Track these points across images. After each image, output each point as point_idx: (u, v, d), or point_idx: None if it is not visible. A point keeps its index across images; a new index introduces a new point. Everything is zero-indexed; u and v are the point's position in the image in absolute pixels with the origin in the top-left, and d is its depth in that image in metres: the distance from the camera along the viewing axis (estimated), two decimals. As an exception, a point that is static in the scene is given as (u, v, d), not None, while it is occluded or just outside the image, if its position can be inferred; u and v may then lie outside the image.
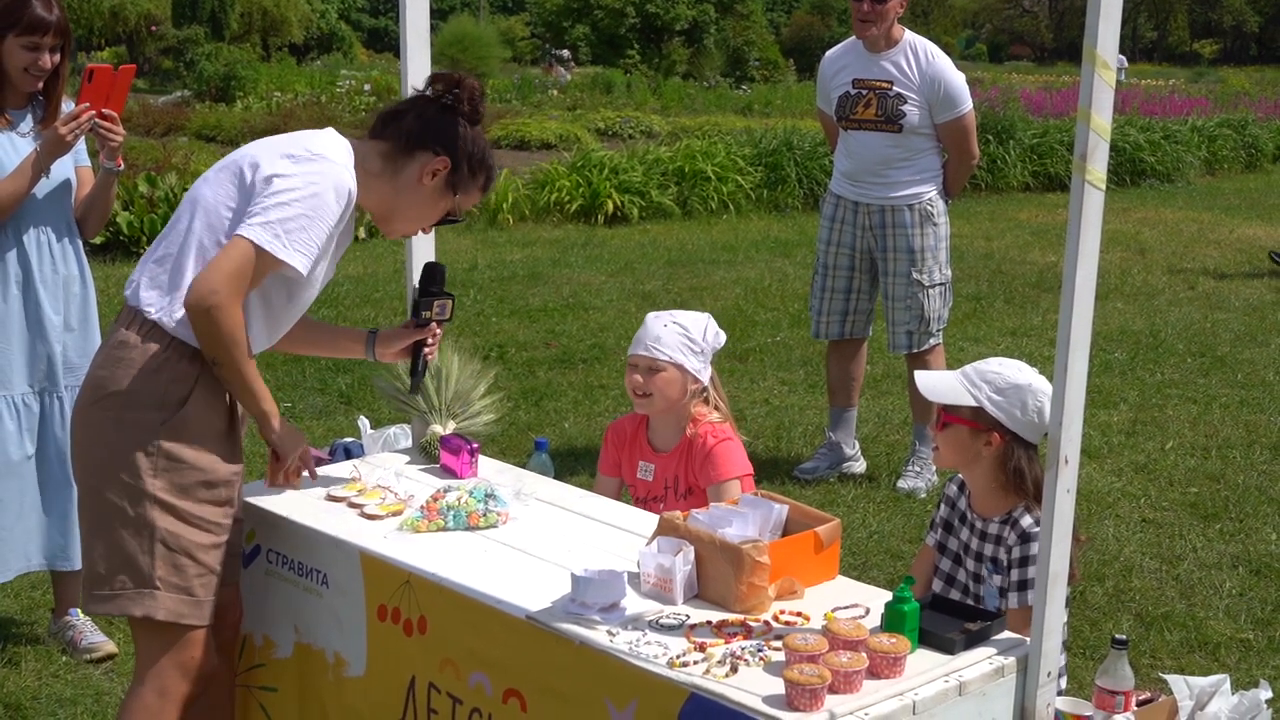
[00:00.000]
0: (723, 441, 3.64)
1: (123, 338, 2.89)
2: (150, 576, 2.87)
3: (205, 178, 2.95)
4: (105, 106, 4.05)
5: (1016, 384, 3.13)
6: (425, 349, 3.36)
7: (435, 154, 2.98)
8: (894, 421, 6.88)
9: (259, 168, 2.87)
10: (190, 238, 2.88)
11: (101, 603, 2.93)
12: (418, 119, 3.00)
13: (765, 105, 26.30)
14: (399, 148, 2.99)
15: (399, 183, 3.00)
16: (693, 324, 3.63)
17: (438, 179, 3.00)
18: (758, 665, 2.42)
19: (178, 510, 2.88)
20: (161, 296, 2.87)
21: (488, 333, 8.63)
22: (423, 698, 2.83)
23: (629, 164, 13.99)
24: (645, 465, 3.72)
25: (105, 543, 2.89)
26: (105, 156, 4.13)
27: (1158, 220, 14.39)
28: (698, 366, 3.61)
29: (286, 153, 2.89)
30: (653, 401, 3.64)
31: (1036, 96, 22.65)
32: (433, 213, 3.07)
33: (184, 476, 2.88)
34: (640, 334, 3.66)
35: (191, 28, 37.57)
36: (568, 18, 44.94)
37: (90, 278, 4.30)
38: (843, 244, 6.04)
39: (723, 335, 3.70)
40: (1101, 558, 5.15)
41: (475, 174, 3.05)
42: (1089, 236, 2.38)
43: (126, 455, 2.85)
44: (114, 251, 10.73)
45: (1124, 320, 9.44)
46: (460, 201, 3.07)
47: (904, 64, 5.85)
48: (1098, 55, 2.29)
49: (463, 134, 3.01)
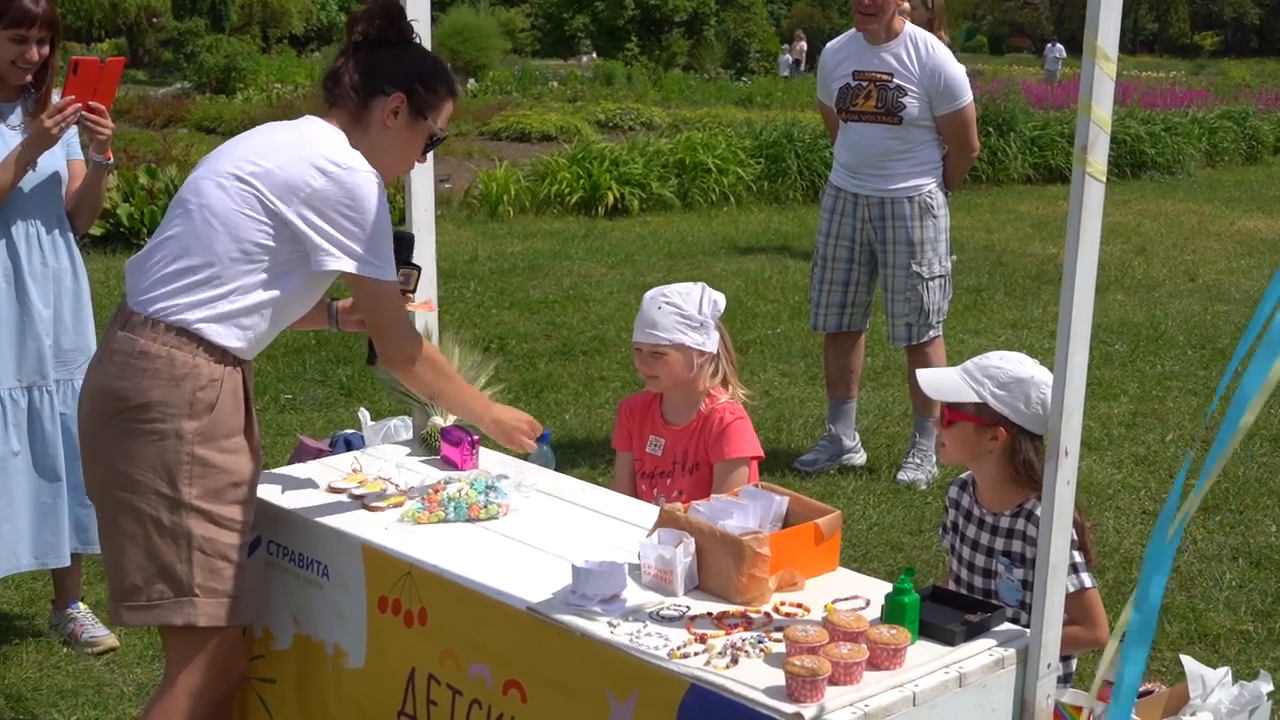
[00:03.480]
0: (738, 420, 3.62)
1: (142, 348, 2.82)
2: (189, 585, 2.86)
3: (220, 185, 2.87)
4: (93, 99, 4.02)
5: (1019, 377, 3.13)
6: None
7: (386, 94, 2.98)
8: (894, 413, 6.88)
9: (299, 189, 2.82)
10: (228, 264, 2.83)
11: (139, 613, 2.89)
12: (355, 69, 2.99)
13: (766, 97, 26.28)
14: (356, 104, 2.98)
15: (370, 135, 2.99)
16: (686, 299, 3.59)
17: (401, 114, 3.00)
18: (758, 657, 2.42)
19: (212, 515, 2.87)
20: (193, 305, 2.82)
21: (488, 325, 8.63)
22: (422, 689, 2.83)
23: (629, 156, 13.98)
24: (655, 440, 3.70)
25: (139, 553, 2.85)
26: (94, 150, 4.11)
27: (1158, 212, 14.38)
28: (699, 340, 3.57)
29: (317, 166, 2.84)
30: (661, 382, 3.65)
31: (1037, 88, 22.63)
32: (414, 146, 3.07)
33: (216, 480, 2.87)
34: (639, 318, 3.65)
35: (192, 20, 37.55)
36: (568, 9, 44.89)
37: (83, 271, 4.28)
38: (842, 236, 6.04)
39: (721, 299, 3.65)
40: (1102, 550, 5.15)
41: (434, 90, 3.03)
42: (1089, 228, 2.37)
43: (162, 466, 2.81)
44: (114, 243, 10.73)
45: (1124, 312, 9.44)
46: (434, 120, 3.05)
47: (904, 56, 5.84)
48: (1099, 47, 2.28)
49: (401, 60, 3.01)
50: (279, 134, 2.99)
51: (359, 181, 2.86)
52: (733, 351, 3.76)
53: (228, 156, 2.95)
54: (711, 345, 3.61)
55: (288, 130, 3.00)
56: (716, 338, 3.64)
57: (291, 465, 3.53)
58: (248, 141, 2.99)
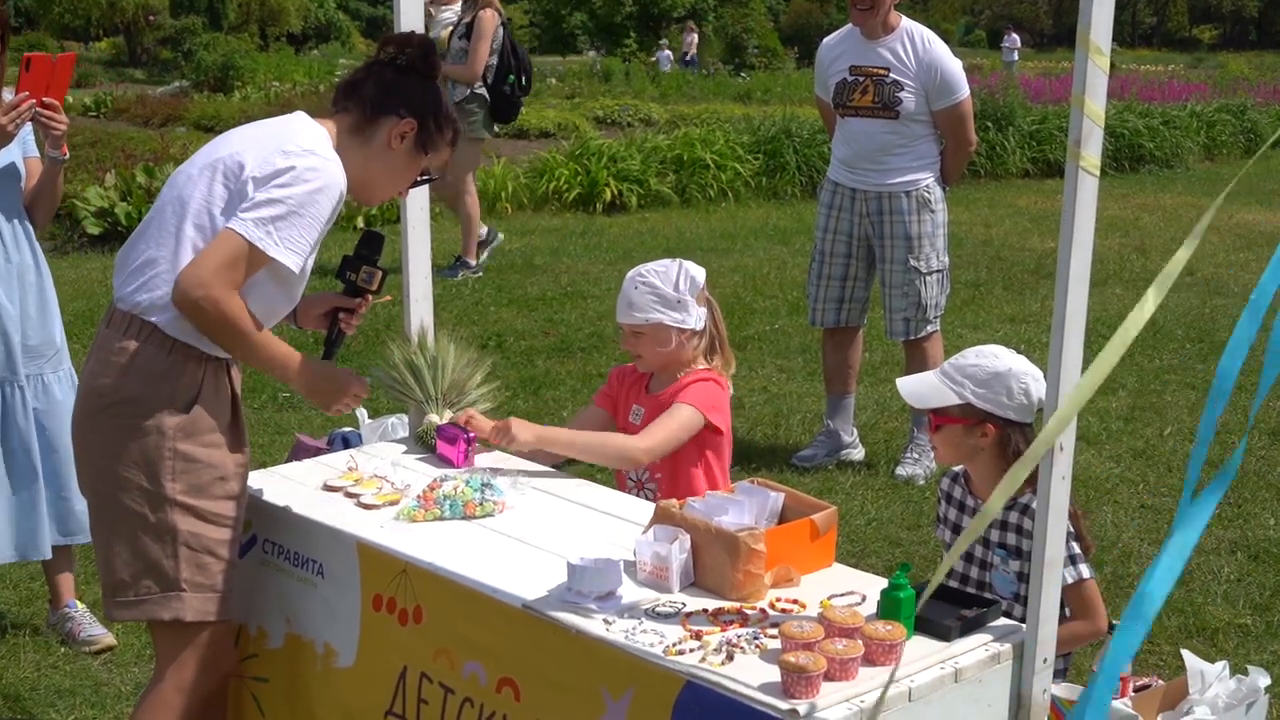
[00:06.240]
0: (704, 381, 3.54)
1: (122, 344, 2.84)
2: (176, 580, 2.87)
3: (189, 176, 2.90)
4: (46, 95, 4.04)
5: (996, 371, 3.13)
6: (342, 318, 3.24)
7: (400, 117, 2.98)
8: (892, 409, 6.88)
9: (248, 165, 2.83)
10: (183, 241, 2.83)
11: (127, 609, 2.92)
12: (377, 85, 2.99)
13: (764, 93, 26.26)
14: (365, 117, 2.98)
15: (370, 151, 2.99)
16: (661, 278, 3.53)
17: (407, 141, 3.00)
18: (754, 653, 2.42)
19: (197, 510, 2.87)
20: (159, 301, 2.83)
21: (486, 322, 8.63)
22: (413, 688, 2.83)
23: (627, 152, 13.97)
24: (637, 409, 3.67)
25: (126, 549, 2.87)
26: (50, 145, 4.13)
27: (1157, 206, 14.37)
28: (679, 317, 3.52)
29: (279, 148, 2.85)
30: (646, 361, 3.62)
31: (1035, 83, 22.61)
32: (407, 175, 3.07)
33: (200, 476, 2.87)
34: (619, 297, 3.62)
35: (189, 18, 37.56)
36: (566, 6, 44.89)
37: (45, 265, 4.28)
38: (840, 231, 6.04)
39: (700, 274, 3.58)
40: (1100, 544, 5.15)
41: (442, 130, 3.05)
42: (1083, 222, 2.37)
43: (143, 462, 2.83)
44: (113, 242, 10.72)
45: (1123, 306, 9.42)
46: (432, 159, 3.06)
47: (901, 51, 5.84)
48: (1092, 41, 2.28)
49: (424, 92, 3.01)
50: (263, 126, 3.00)
51: (313, 165, 2.83)
52: (723, 326, 3.67)
53: (210, 149, 2.97)
54: (695, 321, 3.54)
55: (272, 122, 3.01)
56: (702, 312, 3.57)
57: (289, 463, 3.52)
58: (233, 134, 3.00)
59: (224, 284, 2.76)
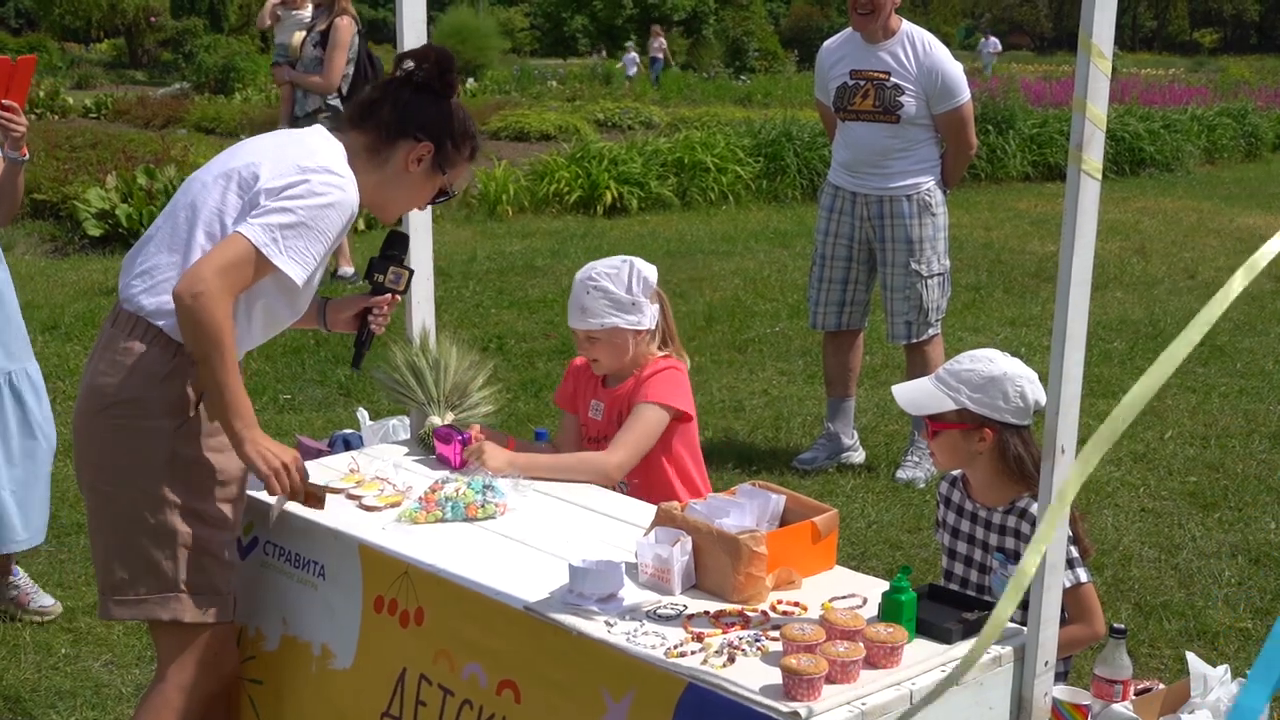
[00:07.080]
0: (666, 370, 3.54)
1: (127, 345, 2.84)
2: (175, 581, 2.87)
3: (203, 183, 2.89)
4: (5, 98, 4.06)
5: (991, 376, 3.13)
6: (371, 318, 3.27)
7: (417, 140, 2.97)
8: (893, 412, 6.88)
9: (263, 176, 2.82)
10: (193, 248, 2.82)
11: (126, 608, 2.91)
12: (394, 107, 2.97)
13: (765, 96, 26.27)
14: (381, 139, 2.97)
15: (386, 173, 2.98)
16: (613, 281, 3.52)
17: (424, 163, 3.00)
18: (755, 655, 2.42)
19: (197, 512, 2.87)
20: (165, 305, 2.81)
21: (487, 324, 8.63)
22: (412, 690, 2.83)
23: (628, 155, 13.98)
24: (596, 404, 3.66)
25: (125, 549, 2.87)
26: (9, 147, 4.15)
27: (1157, 210, 14.37)
28: (634, 319, 3.51)
29: (295, 162, 2.84)
30: (602, 364, 3.62)
31: (1036, 86, 22.61)
32: (424, 194, 3.07)
33: (200, 478, 2.87)
34: (570, 300, 3.60)
35: (190, 19, 37.55)
36: (566, 8, 44.90)
37: (5, 264, 4.31)
38: (840, 235, 6.04)
39: (652, 273, 3.56)
40: (1100, 547, 5.15)
41: (460, 149, 3.04)
42: (1085, 225, 2.38)
43: (143, 463, 2.83)
44: (113, 244, 10.73)
45: (1123, 309, 9.44)
46: (450, 178, 3.06)
47: (901, 55, 5.84)
48: (1094, 45, 2.28)
49: (441, 113, 3.00)
50: (282, 138, 3.00)
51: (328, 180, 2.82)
52: (672, 320, 3.66)
53: (226, 157, 2.96)
54: (648, 321, 3.54)
55: (291, 135, 3.01)
56: (655, 309, 3.57)
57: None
58: (250, 143, 3.00)
59: (222, 285, 2.72)
